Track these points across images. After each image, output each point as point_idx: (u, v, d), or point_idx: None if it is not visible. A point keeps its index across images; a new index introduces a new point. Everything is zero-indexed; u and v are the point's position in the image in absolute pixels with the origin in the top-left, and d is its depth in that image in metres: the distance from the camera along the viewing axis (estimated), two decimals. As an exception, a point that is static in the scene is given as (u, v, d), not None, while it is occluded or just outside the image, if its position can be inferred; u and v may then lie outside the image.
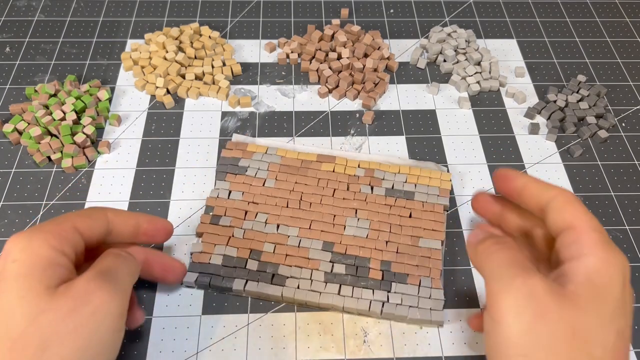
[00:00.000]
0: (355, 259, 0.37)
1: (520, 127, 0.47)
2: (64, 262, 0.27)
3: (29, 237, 0.27)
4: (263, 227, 0.38)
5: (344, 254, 0.37)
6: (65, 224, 0.29)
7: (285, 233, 0.38)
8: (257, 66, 0.51)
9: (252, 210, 0.39)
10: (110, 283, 0.27)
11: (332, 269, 0.36)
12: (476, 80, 0.49)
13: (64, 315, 0.25)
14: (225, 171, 0.41)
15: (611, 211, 0.42)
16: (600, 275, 0.25)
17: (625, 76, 0.51)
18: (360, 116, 0.47)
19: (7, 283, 0.26)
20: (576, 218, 0.27)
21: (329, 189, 0.40)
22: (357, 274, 0.36)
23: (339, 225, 0.39)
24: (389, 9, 0.57)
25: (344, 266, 0.36)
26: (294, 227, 0.38)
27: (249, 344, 0.34)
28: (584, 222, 0.27)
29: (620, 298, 0.25)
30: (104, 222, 0.31)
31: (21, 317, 0.25)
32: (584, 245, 0.26)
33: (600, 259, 0.25)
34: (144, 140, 0.45)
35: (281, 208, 0.39)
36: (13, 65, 0.50)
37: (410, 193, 0.40)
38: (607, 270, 0.25)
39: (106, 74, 0.50)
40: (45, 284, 0.26)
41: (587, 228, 0.26)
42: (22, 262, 0.26)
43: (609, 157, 0.45)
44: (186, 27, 0.52)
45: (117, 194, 0.41)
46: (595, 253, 0.26)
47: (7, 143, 0.44)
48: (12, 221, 0.40)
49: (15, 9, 0.55)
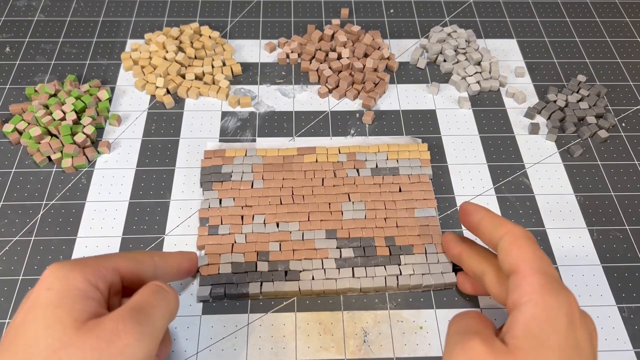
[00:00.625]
0: (360, 240, 0.38)
1: (520, 127, 0.47)
2: (96, 296, 0.27)
3: (69, 268, 0.27)
4: (263, 228, 0.38)
5: (348, 237, 0.38)
6: (107, 263, 0.28)
7: (287, 229, 0.38)
8: (257, 66, 0.51)
9: (248, 214, 0.39)
10: (140, 325, 0.26)
11: (341, 254, 0.37)
12: (476, 80, 0.49)
13: (85, 353, 0.24)
14: (210, 180, 0.41)
15: (611, 211, 0.42)
16: (538, 323, 0.24)
17: (625, 76, 0.51)
18: (360, 116, 0.47)
19: (37, 311, 0.25)
20: (520, 260, 0.26)
21: (317, 179, 0.41)
22: (366, 254, 0.37)
23: (336, 212, 0.39)
24: (389, 8, 0.57)
25: (351, 249, 0.37)
26: (294, 222, 0.39)
27: (249, 343, 0.34)
28: (527, 264, 0.26)
29: (566, 342, 0.24)
30: (150, 267, 0.31)
31: (44, 348, 0.25)
32: (523, 291, 0.25)
33: (538, 305, 0.25)
34: (144, 140, 0.45)
35: (276, 206, 0.39)
36: (13, 65, 0.50)
37: (394, 169, 0.42)
38: (547, 316, 0.24)
39: (106, 74, 0.50)
40: (74, 316, 0.25)
41: (530, 271, 0.26)
42: (56, 292, 0.26)
43: (609, 157, 0.45)
44: (186, 27, 0.52)
45: (117, 194, 0.41)
46: (533, 299, 0.25)
47: (7, 143, 0.44)
48: (12, 221, 0.40)
49: (15, 8, 0.55)
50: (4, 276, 0.37)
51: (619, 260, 0.39)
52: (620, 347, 0.35)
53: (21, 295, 0.36)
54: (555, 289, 0.25)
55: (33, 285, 0.36)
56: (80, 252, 0.38)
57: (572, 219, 0.41)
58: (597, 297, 0.37)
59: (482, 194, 0.42)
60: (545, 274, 0.26)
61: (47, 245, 0.38)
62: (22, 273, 0.37)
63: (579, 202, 0.42)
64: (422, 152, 0.43)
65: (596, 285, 0.37)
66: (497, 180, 0.43)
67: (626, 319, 0.36)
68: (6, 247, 0.38)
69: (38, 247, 0.38)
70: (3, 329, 0.35)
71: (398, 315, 0.36)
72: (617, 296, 0.37)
